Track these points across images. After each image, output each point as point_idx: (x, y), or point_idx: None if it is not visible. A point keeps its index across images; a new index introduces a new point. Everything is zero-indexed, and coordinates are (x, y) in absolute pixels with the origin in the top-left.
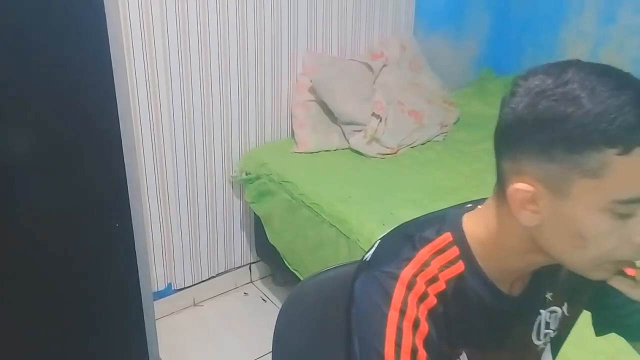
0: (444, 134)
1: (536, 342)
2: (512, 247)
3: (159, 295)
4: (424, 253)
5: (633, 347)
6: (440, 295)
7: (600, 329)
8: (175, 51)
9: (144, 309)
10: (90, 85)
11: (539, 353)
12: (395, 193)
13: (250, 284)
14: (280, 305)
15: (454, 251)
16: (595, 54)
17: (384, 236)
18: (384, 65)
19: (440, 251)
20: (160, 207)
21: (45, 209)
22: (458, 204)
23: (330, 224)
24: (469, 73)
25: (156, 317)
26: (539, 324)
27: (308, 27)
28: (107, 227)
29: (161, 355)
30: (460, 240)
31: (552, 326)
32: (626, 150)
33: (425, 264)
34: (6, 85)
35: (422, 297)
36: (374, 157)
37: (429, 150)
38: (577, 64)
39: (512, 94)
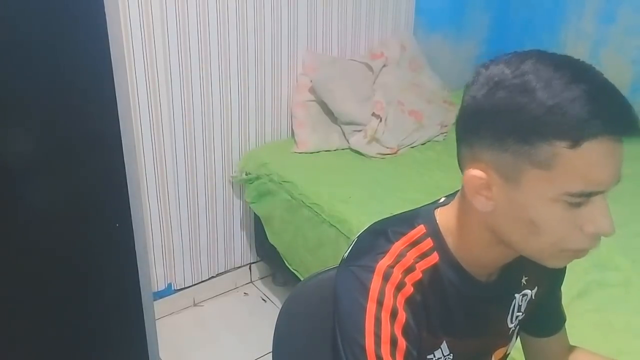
0: (444, 134)
1: (509, 325)
2: (477, 239)
3: (159, 295)
4: (398, 245)
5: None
6: (418, 284)
7: None
8: (175, 51)
9: (144, 309)
10: (90, 85)
11: (510, 336)
12: (395, 193)
13: (250, 284)
14: (280, 305)
15: (428, 242)
16: (595, 54)
17: (360, 233)
18: (384, 65)
19: (415, 243)
20: (160, 207)
21: (45, 209)
22: (432, 201)
23: (330, 224)
24: (469, 73)
25: (156, 317)
26: (513, 308)
27: (308, 27)
28: (107, 227)
29: (161, 355)
30: (433, 232)
31: (523, 309)
32: (575, 144)
33: (401, 255)
34: (6, 85)
35: (399, 287)
36: (374, 157)
37: (429, 150)
38: (537, 54)
39: (473, 82)
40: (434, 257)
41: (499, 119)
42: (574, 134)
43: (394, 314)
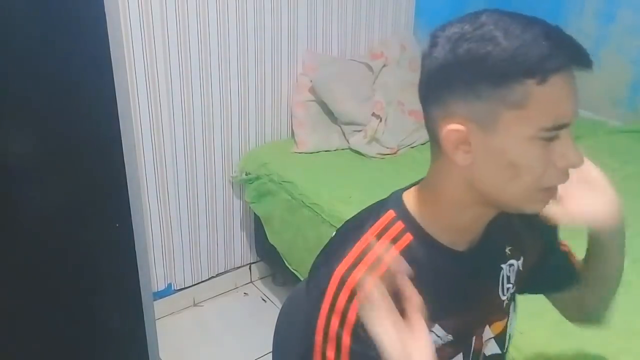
0: None
1: (502, 298)
2: (455, 200)
3: (159, 295)
4: (365, 239)
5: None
6: (385, 277)
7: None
8: (175, 51)
9: (144, 309)
10: (90, 85)
11: (505, 309)
12: None
13: (250, 284)
14: (280, 305)
15: (399, 225)
16: (595, 54)
17: (335, 232)
18: (384, 65)
19: (385, 229)
20: (160, 207)
21: (45, 209)
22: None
23: (330, 224)
24: None
25: (156, 317)
26: (502, 279)
27: (308, 27)
28: (107, 227)
29: (161, 355)
30: (403, 213)
31: (512, 280)
32: (543, 79)
33: (368, 249)
34: (6, 85)
35: (356, 289)
36: (374, 157)
37: (429, 150)
38: (487, 11)
39: (433, 44)
40: (407, 238)
41: (469, 69)
42: (541, 70)
43: (343, 317)
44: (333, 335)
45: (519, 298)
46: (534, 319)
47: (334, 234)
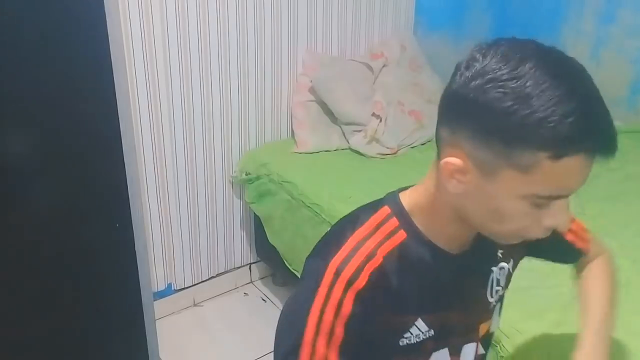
0: None
1: (490, 300)
2: (443, 215)
3: (159, 295)
4: (360, 232)
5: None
6: (376, 271)
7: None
8: (175, 51)
9: (144, 309)
10: (90, 85)
11: (491, 311)
12: None
13: (250, 284)
14: (280, 305)
15: (394, 222)
16: (595, 54)
17: (330, 227)
18: (384, 65)
19: (379, 225)
20: (160, 207)
21: (45, 209)
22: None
23: (330, 224)
24: None
25: (156, 317)
26: (492, 282)
27: (308, 27)
28: (107, 227)
29: (161, 355)
30: (399, 211)
31: (501, 283)
32: (557, 157)
33: (360, 244)
34: (6, 85)
35: (351, 281)
36: (374, 157)
37: (429, 150)
38: (536, 56)
39: (467, 66)
40: (401, 235)
41: (487, 117)
42: (559, 149)
43: (338, 308)
44: (326, 327)
45: (518, 299)
46: (534, 319)
47: (328, 230)
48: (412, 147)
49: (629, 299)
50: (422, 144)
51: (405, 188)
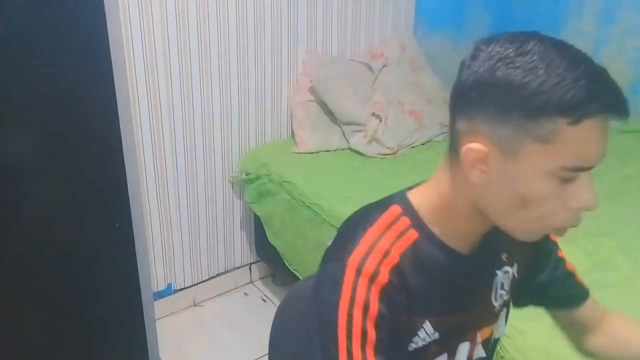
0: (444, 134)
1: (494, 304)
2: (462, 209)
3: (159, 295)
4: (373, 230)
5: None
6: (395, 269)
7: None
8: (175, 51)
9: (144, 309)
10: (90, 85)
11: (496, 315)
12: None
13: (250, 284)
14: None
15: (405, 221)
16: (595, 54)
17: (339, 227)
18: (384, 66)
19: (391, 224)
20: (160, 207)
21: (45, 209)
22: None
23: (330, 224)
24: None
25: (156, 317)
26: (496, 285)
27: (308, 27)
28: (107, 227)
29: (161, 355)
30: (409, 210)
31: (506, 287)
32: (576, 120)
33: (376, 241)
34: (6, 86)
35: (373, 277)
36: (374, 157)
37: (429, 150)
38: (537, 36)
39: (474, 57)
40: (412, 235)
41: (503, 94)
42: (576, 112)
43: (366, 308)
44: (357, 331)
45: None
46: (534, 320)
47: (337, 231)
48: (412, 147)
49: (629, 299)
50: (422, 144)
51: (410, 187)
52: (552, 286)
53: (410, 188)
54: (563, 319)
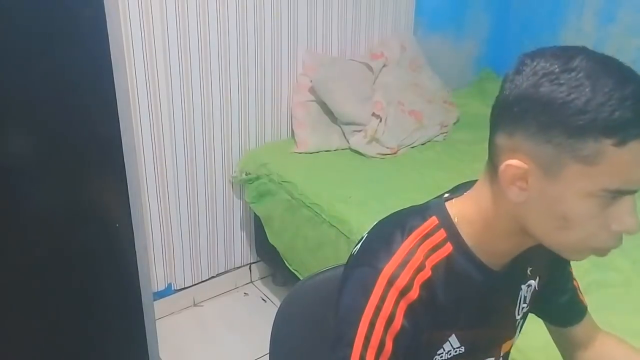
0: (444, 134)
1: (516, 317)
2: (502, 227)
3: (159, 295)
4: (410, 241)
5: (547, 328)
6: (426, 283)
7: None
8: (175, 51)
9: (144, 309)
10: (90, 85)
11: (517, 328)
12: (395, 193)
13: (250, 284)
14: None
15: (441, 234)
16: None
17: (370, 229)
18: (384, 66)
19: (427, 236)
20: (160, 207)
21: (45, 209)
22: (436, 196)
23: (330, 224)
24: (469, 73)
25: (156, 317)
26: (520, 299)
27: (308, 27)
28: (107, 227)
29: (161, 355)
30: (446, 223)
31: (527, 300)
32: (622, 142)
33: (411, 253)
34: (6, 86)
35: (404, 291)
36: (374, 157)
37: (429, 150)
38: (585, 51)
39: (518, 71)
40: (447, 248)
41: (546, 111)
42: (622, 133)
43: (389, 321)
44: (376, 340)
45: None
46: (534, 320)
47: (368, 234)
48: (412, 147)
49: (629, 299)
50: (422, 144)
51: (449, 197)
52: (556, 302)
53: (446, 197)
54: (557, 333)
